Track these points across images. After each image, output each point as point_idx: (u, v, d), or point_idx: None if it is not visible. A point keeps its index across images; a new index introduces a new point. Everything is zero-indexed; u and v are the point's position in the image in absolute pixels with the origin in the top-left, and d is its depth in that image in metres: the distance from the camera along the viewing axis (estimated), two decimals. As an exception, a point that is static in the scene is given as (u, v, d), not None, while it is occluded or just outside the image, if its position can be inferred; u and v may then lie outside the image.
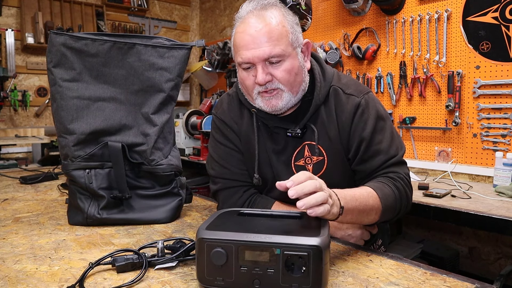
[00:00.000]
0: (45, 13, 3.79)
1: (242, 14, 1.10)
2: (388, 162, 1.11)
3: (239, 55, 1.08)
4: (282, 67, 1.06)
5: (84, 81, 1.16)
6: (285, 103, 1.10)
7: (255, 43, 1.04)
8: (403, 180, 1.10)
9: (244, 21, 1.08)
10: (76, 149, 1.15)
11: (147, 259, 0.85)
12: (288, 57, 1.07)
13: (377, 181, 1.08)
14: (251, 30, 1.05)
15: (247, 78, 1.10)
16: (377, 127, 1.13)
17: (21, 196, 1.58)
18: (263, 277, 0.72)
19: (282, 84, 1.08)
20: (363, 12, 2.78)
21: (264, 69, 1.06)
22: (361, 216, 0.98)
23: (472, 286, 0.78)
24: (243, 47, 1.06)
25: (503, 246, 2.36)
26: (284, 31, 1.06)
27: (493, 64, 2.17)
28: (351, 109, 1.13)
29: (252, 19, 1.06)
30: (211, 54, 4.11)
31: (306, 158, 1.16)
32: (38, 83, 3.92)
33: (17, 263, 0.88)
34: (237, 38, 1.08)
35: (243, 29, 1.07)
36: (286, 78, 1.07)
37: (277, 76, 1.06)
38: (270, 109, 1.11)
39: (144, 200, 1.21)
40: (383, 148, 1.11)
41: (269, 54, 1.04)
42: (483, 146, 2.23)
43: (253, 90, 1.10)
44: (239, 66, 1.10)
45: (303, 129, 1.14)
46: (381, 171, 1.11)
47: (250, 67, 1.08)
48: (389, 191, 1.04)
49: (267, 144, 1.19)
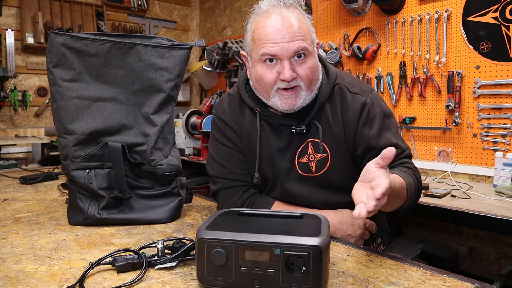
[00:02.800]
0: (45, 13, 3.79)
1: (263, 9, 1.08)
2: (402, 155, 1.14)
3: (263, 47, 1.06)
4: (306, 65, 1.06)
5: (84, 81, 1.16)
6: (302, 102, 1.10)
7: (284, 36, 1.04)
8: (417, 171, 1.14)
9: (268, 16, 1.07)
10: (76, 149, 1.15)
11: (147, 259, 0.85)
12: (311, 55, 1.08)
13: (400, 170, 1.08)
14: (279, 24, 1.04)
15: (269, 73, 1.07)
16: (384, 124, 1.14)
17: (21, 196, 1.58)
18: (263, 277, 0.72)
19: (303, 82, 1.08)
20: (363, 12, 2.78)
21: (291, 65, 1.05)
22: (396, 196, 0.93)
23: (472, 286, 0.78)
24: (270, 40, 1.05)
25: (503, 246, 2.36)
26: (308, 29, 1.08)
27: (493, 64, 2.17)
28: (357, 108, 1.14)
29: (277, 14, 1.06)
30: (211, 54, 4.11)
31: (310, 155, 1.16)
32: (38, 83, 3.92)
33: (17, 263, 0.88)
34: (261, 31, 1.06)
35: (268, 24, 1.06)
36: (308, 76, 1.07)
37: (301, 74, 1.06)
38: (288, 107, 1.10)
39: (144, 200, 1.21)
40: (394, 142, 1.13)
41: (299, 48, 1.04)
42: (483, 146, 2.23)
43: (272, 86, 1.08)
44: (260, 61, 1.08)
45: (307, 126, 1.15)
46: (396, 161, 1.13)
47: (274, 62, 1.07)
48: (411, 178, 1.06)
49: (270, 143, 1.19)
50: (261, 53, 1.06)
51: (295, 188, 1.18)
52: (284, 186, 1.18)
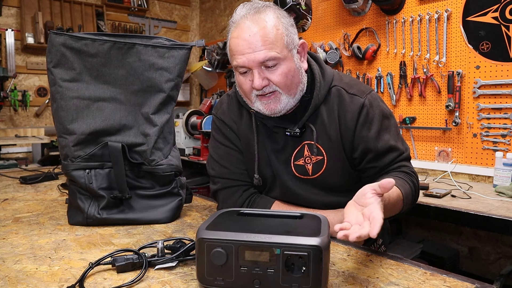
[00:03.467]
0: (45, 13, 3.79)
1: (236, 19, 1.08)
2: (400, 157, 1.13)
3: (234, 59, 1.07)
4: (278, 71, 1.05)
5: (84, 81, 1.16)
6: (283, 106, 1.10)
7: (250, 47, 1.03)
8: (415, 174, 1.14)
9: (238, 26, 1.06)
10: (76, 149, 1.15)
11: (147, 259, 0.85)
12: (283, 60, 1.06)
13: (397, 176, 1.08)
14: (245, 34, 1.04)
15: (244, 82, 1.09)
16: (382, 126, 1.13)
17: (21, 196, 1.58)
18: (263, 277, 0.72)
19: (279, 88, 1.07)
20: (363, 12, 2.78)
21: (261, 73, 1.05)
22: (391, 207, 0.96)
23: (472, 286, 0.78)
24: (238, 51, 1.05)
25: (503, 246, 2.36)
26: (279, 34, 1.05)
27: (493, 64, 2.17)
28: (356, 109, 1.13)
29: (246, 23, 1.05)
30: (211, 54, 4.11)
31: (306, 158, 1.16)
32: (38, 83, 3.92)
33: (17, 263, 0.88)
34: (232, 43, 1.07)
35: (238, 34, 1.06)
36: (282, 81, 1.06)
37: (274, 80, 1.06)
38: (269, 112, 1.11)
39: (144, 200, 1.21)
40: (393, 145, 1.13)
41: (264, 58, 1.03)
42: (483, 146, 2.23)
43: (250, 93, 1.10)
44: (236, 70, 1.10)
45: (302, 128, 1.14)
46: (394, 165, 1.13)
47: (247, 72, 1.07)
48: (407, 185, 1.06)
49: (267, 144, 1.19)
50: (234, 64, 1.09)
51: (294, 187, 1.18)
52: (283, 186, 1.19)
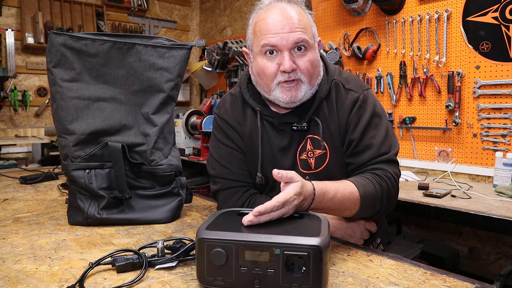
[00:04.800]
0: (45, 13, 3.79)
1: (266, 3, 1.12)
2: (378, 159, 1.10)
3: (264, 39, 1.07)
4: (306, 58, 1.08)
5: (84, 81, 1.16)
6: (303, 95, 1.11)
7: (284, 27, 1.05)
8: (390, 179, 1.08)
9: (269, 9, 1.09)
10: (76, 150, 1.15)
11: (147, 259, 0.85)
12: (311, 48, 1.09)
13: (362, 177, 1.07)
14: (279, 16, 1.06)
15: (270, 65, 1.08)
16: (372, 122, 1.13)
17: (21, 196, 1.58)
18: (263, 277, 0.72)
19: (304, 75, 1.09)
20: (363, 12, 2.78)
21: (291, 56, 1.06)
22: (335, 207, 1.00)
23: (472, 286, 0.78)
24: (271, 31, 1.06)
25: (503, 246, 2.36)
26: (310, 22, 1.10)
27: (493, 64, 2.17)
28: (349, 104, 1.14)
29: (279, 7, 1.08)
30: (211, 54, 4.11)
31: (308, 152, 1.16)
32: (38, 83, 3.92)
33: (17, 263, 0.88)
34: (262, 23, 1.08)
35: (269, 16, 1.08)
36: (308, 69, 1.08)
37: (301, 67, 1.07)
38: (289, 100, 1.10)
39: (144, 200, 1.21)
40: (375, 144, 1.11)
41: (299, 39, 1.05)
42: (483, 146, 2.23)
43: (273, 79, 1.09)
44: (260, 53, 1.10)
45: (308, 122, 1.15)
46: (369, 166, 1.10)
47: (274, 53, 1.08)
48: (371, 189, 1.03)
49: (272, 142, 1.19)
50: (261, 44, 1.08)
51: None
52: None
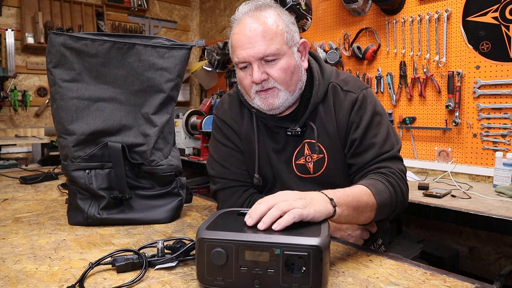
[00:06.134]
0: (45, 13, 3.79)
1: (238, 16, 1.13)
2: (381, 157, 1.10)
3: (235, 55, 1.11)
4: (278, 66, 1.08)
5: (84, 82, 1.16)
6: (281, 102, 1.11)
7: (250, 42, 1.07)
8: (396, 175, 1.07)
9: (240, 22, 1.11)
10: (76, 150, 1.15)
11: (147, 259, 0.85)
12: (283, 56, 1.08)
13: (369, 178, 1.06)
14: (246, 30, 1.08)
15: (244, 77, 1.12)
16: (373, 121, 1.13)
17: (21, 196, 1.58)
18: (263, 277, 0.72)
19: (278, 83, 1.09)
20: (363, 12, 2.78)
21: (260, 68, 1.08)
22: (356, 213, 0.93)
23: (472, 286, 0.78)
24: (239, 47, 1.09)
25: (503, 246, 2.36)
26: (279, 30, 1.08)
27: (493, 64, 2.17)
28: (349, 105, 1.14)
29: (247, 19, 1.09)
30: (211, 54, 4.11)
31: (307, 157, 1.16)
32: (38, 83, 3.92)
33: (17, 263, 0.88)
34: (234, 39, 1.11)
35: (239, 30, 1.10)
36: (281, 76, 1.09)
37: (273, 75, 1.08)
38: (268, 108, 1.12)
39: (144, 200, 1.21)
40: (377, 142, 1.10)
41: (264, 53, 1.06)
42: (483, 146, 2.23)
43: (250, 89, 1.12)
44: (237, 66, 1.13)
45: (302, 127, 1.15)
46: (373, 165, 1.10)
47: (247, 67, 1.10)
48: (382, 187, 1.01)
49: (267, 144, 1.19)
50: (235, 60, 1.12)
51: (295, 187, 1.18)
52: (283, 185, 1.19)
